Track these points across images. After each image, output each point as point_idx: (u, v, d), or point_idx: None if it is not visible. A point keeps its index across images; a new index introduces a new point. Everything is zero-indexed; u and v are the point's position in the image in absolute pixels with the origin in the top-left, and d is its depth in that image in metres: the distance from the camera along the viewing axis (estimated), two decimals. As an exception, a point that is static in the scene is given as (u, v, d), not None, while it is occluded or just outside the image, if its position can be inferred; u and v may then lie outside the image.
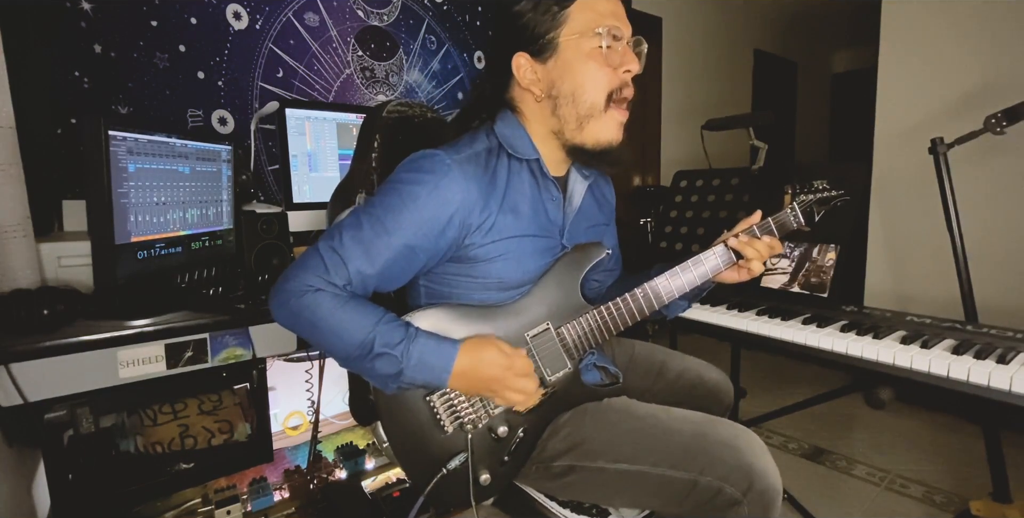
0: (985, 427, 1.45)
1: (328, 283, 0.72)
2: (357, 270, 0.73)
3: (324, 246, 0.74)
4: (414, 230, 0.74)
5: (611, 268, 1.02)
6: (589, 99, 0.79)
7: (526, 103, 0.83)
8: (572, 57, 0.78)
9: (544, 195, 0.85)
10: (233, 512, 1.31)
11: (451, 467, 0.79)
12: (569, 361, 0.84)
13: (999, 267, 1.94)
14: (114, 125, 0.97)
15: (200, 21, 1.65)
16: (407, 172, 0.77)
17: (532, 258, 0.82)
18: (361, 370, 0.74)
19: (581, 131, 0.80)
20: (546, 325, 0.82)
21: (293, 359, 1.45)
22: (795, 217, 0.88)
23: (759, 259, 0.85)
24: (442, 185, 0.74)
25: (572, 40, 0.77)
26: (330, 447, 1.59)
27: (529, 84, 0.80)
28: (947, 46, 2.04)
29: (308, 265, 0.73)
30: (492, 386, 0.75)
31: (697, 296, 0.97)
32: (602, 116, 0.80)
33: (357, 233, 0.74)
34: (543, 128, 0.84)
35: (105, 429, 1.03)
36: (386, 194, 0.76)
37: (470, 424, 0.80)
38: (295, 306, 0.71)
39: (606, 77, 0.78)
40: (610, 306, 0.83)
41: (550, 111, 0.81)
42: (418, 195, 0.74)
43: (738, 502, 0.72)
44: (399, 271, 0.77)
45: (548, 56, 0.78)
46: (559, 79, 0.79)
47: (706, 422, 0.80)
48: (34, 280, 1.06)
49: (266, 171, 1.82)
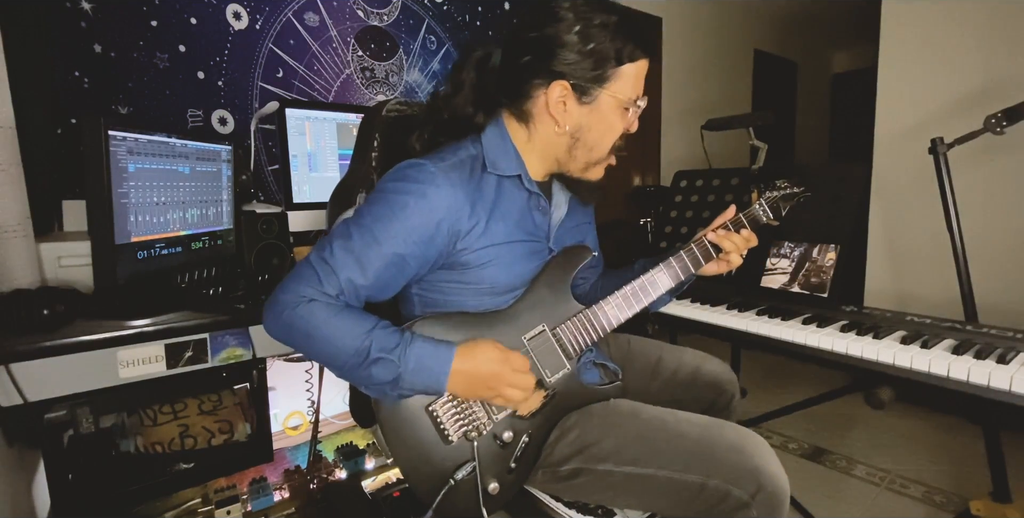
0: (985, 427, 1.45)
1: (321, 293, 0.72)
2: (348, 279, 0.73)
3: (316, 257, 0.75)
4: (403, 238, 0.75)
5: (594, 265, 1.04)
6: (603, 151, 0.85)
7: (543, 124, 0.82)
8: (607, 112, 0.81)
9: (531, 204, 0.87)
10: (233, 512, 1.31)
11: (458, 478, 0.78)
12: (567, 361, 0.85)
13: (999, 267, 1.94)
14: (114, 125, 0.97)
15: (200, 21, 1.65)
16: (393, 181, 0.78)
17: (521, 262, 0.84)
18: (358, 379, 0.74)
19: (584, 172, 0.87)
20: (541, 327, 0.84)
21: (293, 359, 1.45)
22: (764, 212, 0.97)
23: (736, 251, 0.92)
24: (429, 193, 0.75)
25: (613, 99, 0.80)
26: (330, 447, 1.59)
27: (556, 113, 0.80)
28: (947, 46, 2.04)
29: (301, 276, 0.74)
30: (490, 383, 0.76)
31: (679, 290, 0.99)
32: (605, 163, 0.87)
33: (347, 243, 0.74)
34: (546, 152, 0.85)
35: (105, 429, 1.03)
36: (374, 204, 0.77)
37: (475, 431, 0.80)
38: (289, 317, 0.71)
39: (619, 134, 0.85)
40: (601, 305, 0.86)
41: (565, 147, 0.83)
42: (406, 204, 0.75)
43: (746, 505, 0.72)
44: (390, 279, 0.77)
45: (587, 101, 0.80)
46: (587, 126, 0.81)
47: (713, 425, 0.80)
48: (34, 280, 1.06)
49: (266, 171, 1.82)
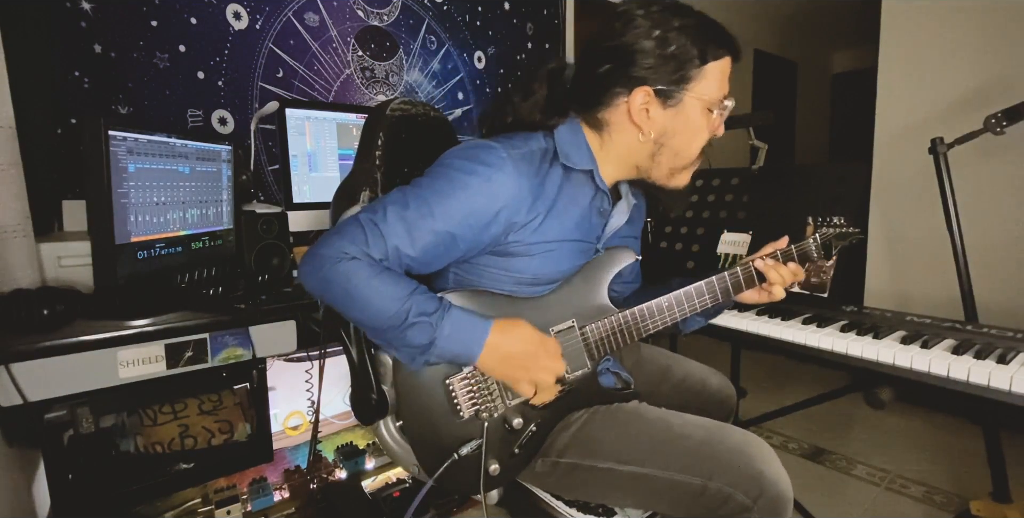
0: (985, 427, 1.45)
1: (365, 254, 0.71)
2: (396, 248, 0.72)
3: (366, 218, 0.73)
4: (460, 219, 0.73)
5: (630, 280, 1.01)
6: (690, 156, 0.82)
7: (622, 132, 0.81)
8: (692, 115, 0.79)
9: (594, 205, 0.85)
10: (233, 512, 1.31)
11: (463, 453, 0.79)
12: (589, 361, 0.84)
13: (999, 267, 1.94)
14: (114, 125, 0.97)
15: (200, 21, 1.64)
16: (462, 159, 0.76)
17: (568, 259, 0.83)
18: (391, 340, 0.73)
19: (669, 179, 0.84)
20: (572, 322, 0.83)
21: (293, 359, 1.45)
22: (816, 248, 0.93)
23: (782, 284, 0.87)
24: (495, 179, 0.73)
25: (698, 101, 0.78)
26: (330, 447, 1.59)
27: (640, 121, 0.78)
28: (947, 46, 2.04)
29: (347, 233, 0.72)
30: (526, 362, 0.75)
31: (716, 313, 0.98)
32: (692, 168, 0.84)
33: (402, 212, 0.72)
34: (623, 160, 0.83)
35: (105, 429, 1.03)
36: (436, 177, 0.75)
37: (486, 412, 0.80)
38: (329, 273, 0.70)
39: (706, 137, 0.82)
40: (635, 311, 0.84)
41: (648, 153, 0.81)
42: (469, 185, 0.73)
43: (748, 509, 0.71)
44: (436, 256, 0.76)
45: (672, 104, 0.78)
46: (673, 131, 0.79)
47: (716, 428, 0.80)
48: (34, 280, 1.06)
49: (266, 171, 1.81)
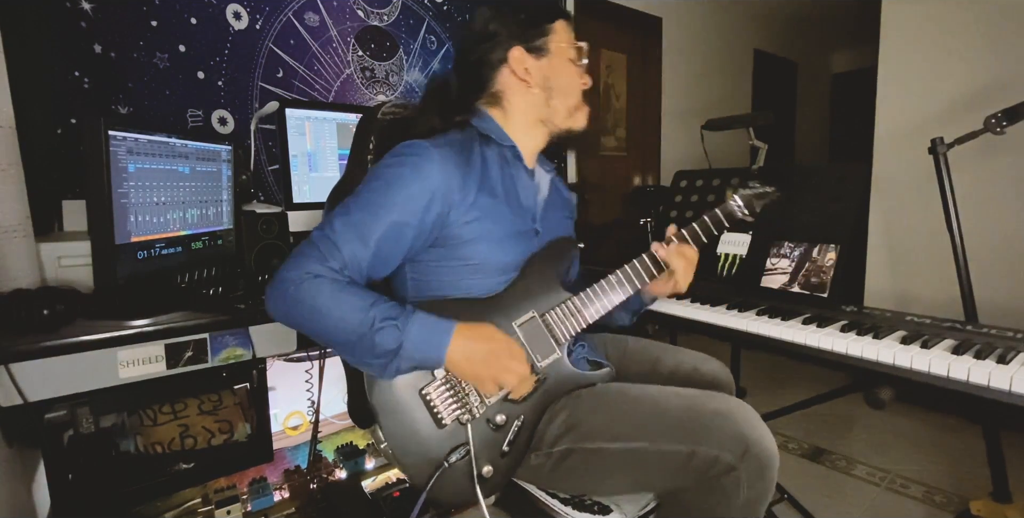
0: (985, 427, 1.46)
1: (327, 268, 0.75)
2: (351, 253, 0.77)
3: (318, 234, 0.78)
4: (401, 206, 0.79)
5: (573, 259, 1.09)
6: (576, 94, 0.95)
7: (515, 93, 0.92)
8: (561, 60, 0.92)
9: (517, 180, 0.92)
10: (233, 512, 1.31)
11: (452, 460, 0.80)
12: (557, 347, 0.88)
13: (999, 267, 1.94)
14: (114, 125, 0.97)
15: (200, 21, 1.64)
16: (389, 159, 0.83)
17: (510, 240, 0.88)
18: (361, 353, 0.75)
19: (571, 118, 0.95)
20: (532, 313, 0.88)
21: (293, 359, 1.45)
22: (739, 207, 1.00)
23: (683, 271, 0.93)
24: (423, 164, 0.80)
25: (561, 47, 0.92)
26: (330, 447, 1.59)
27: (524, 75, 0.90)
28: (947, 46, 2.04)
29: (304, 253, 0.76)
30: (489, 359, 0.78)
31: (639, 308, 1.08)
32: (583, 108, 0.96)
33: (347, 218, 0.78)
34: (529, 117, 0.93)
35: (105, 429, 1.03)
36: (370, 181, 0.82)
37: (467, 414, 0.82)
38: (295, 294, 0.73)
39: (580, 81, 0.95)
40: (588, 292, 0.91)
41: (543, 100, 0.92)
42: (402, 175, 0.80)
43: (733, 468, 0.73)
44: (391, 250, 0.81)
45: (543, 54, 0.91)
46: (553, 75, 0.91)
47: (699, 395, 0.82)
48: (34, 280, 1.06)
49: (266, 171, 1.81)
